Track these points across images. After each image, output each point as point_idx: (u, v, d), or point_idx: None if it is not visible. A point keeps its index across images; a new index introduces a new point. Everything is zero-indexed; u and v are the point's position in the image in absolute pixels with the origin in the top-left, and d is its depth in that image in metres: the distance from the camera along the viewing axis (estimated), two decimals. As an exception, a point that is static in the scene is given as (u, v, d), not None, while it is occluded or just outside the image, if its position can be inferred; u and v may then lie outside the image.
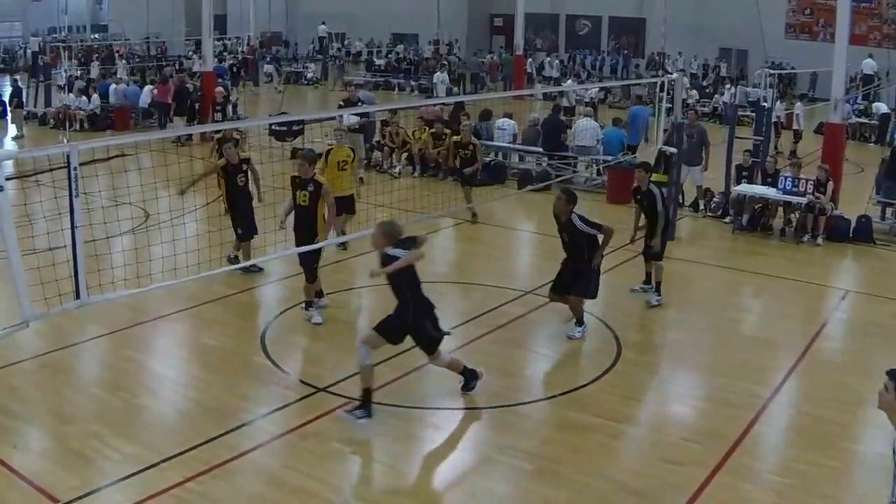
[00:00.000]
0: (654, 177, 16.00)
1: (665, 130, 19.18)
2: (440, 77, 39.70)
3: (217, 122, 26.09)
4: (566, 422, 10.08)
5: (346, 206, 15.32)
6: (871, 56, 43.38)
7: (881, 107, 36.53)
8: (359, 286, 14.41)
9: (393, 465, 9.10)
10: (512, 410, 10.27)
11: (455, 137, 19.07)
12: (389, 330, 9.84)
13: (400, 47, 56.32)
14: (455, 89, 41.28)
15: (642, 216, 14.10)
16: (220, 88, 29.59)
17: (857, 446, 9.94)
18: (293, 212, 12.81)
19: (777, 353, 12.33)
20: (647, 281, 14.49)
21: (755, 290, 15.82)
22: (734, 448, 9.44)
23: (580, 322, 12.47)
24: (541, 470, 8.91)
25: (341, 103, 22.70)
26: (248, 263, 14.16)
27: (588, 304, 12.74)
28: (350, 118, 20.17)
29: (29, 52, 49.31)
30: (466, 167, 18.29)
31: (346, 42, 59.40)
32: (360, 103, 23.38)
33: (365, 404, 9.75)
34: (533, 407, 10.43)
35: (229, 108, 29.18)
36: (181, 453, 8.96)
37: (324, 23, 58.95)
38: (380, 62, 53.72)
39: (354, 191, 15.90)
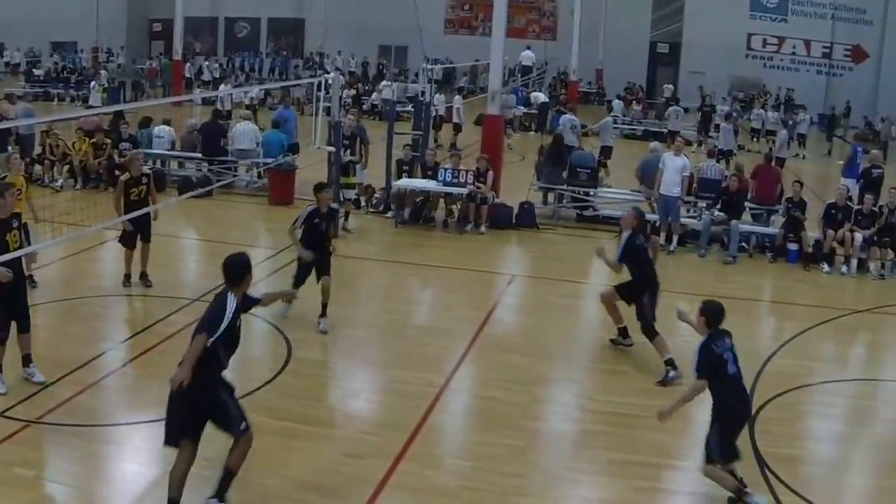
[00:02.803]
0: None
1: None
2: (95, 86, 38.30)
3: None
4: (244, 426, 10.07)
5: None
6: (528, 48, 46.43)
7: (539, 96, 39.25)
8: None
9: (78, 486, 8.69)
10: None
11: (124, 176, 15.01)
12: None
13: (57, 56, 53.61)
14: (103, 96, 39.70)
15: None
16: None
17: (536, 424, 10.65)
18: None
19: (449, 342, 12.93)
20: None
21: (422, 281, 16.51)
22: (414, 437, 9.79)
23: None
24: (226, 477, 8.86)
25: None
26: None
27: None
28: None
29: None
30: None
31: (4, 53, 55.76)
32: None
33: None
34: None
35: None
36: None
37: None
38: (39, 72, 50.86)
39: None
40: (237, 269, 8.06)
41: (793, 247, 18.31)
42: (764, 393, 11.42)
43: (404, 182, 20.33)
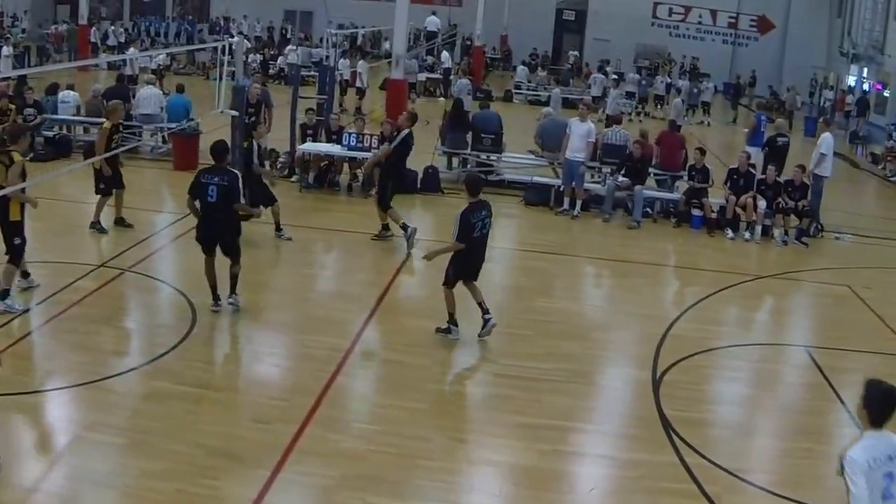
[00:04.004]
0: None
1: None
2: (7, 51, 37.01)
3: None
4: (151, 392, 9.91)
5: None
6: (434, 14, 46.38)
7: (446, 61, 39.27)
8: None
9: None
10: (96, 386, 9.91)
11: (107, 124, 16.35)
12: None
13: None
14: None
15: None
16: None
17: (440, 387, 10.76)
18: None
19: (353, 306, 12.89)
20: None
21: (327, 246, 16.45)
22: (320, 401, 9.76)
23: None
24: (133, 443, 8.73)
25: None
26: None
27: (164, 272, 13.02)
28: None
29: None
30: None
31: None
32: None
33: None
34: (116, 381, 10.12)
35: None
36: None
37: None
38: None
39: None
40: None
41: (696, 213, 18.60)
42: (668, 357, 11.66)
43: (309, 146, 20.16)
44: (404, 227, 15.63)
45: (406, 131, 16.05)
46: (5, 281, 11.76)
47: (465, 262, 11.67)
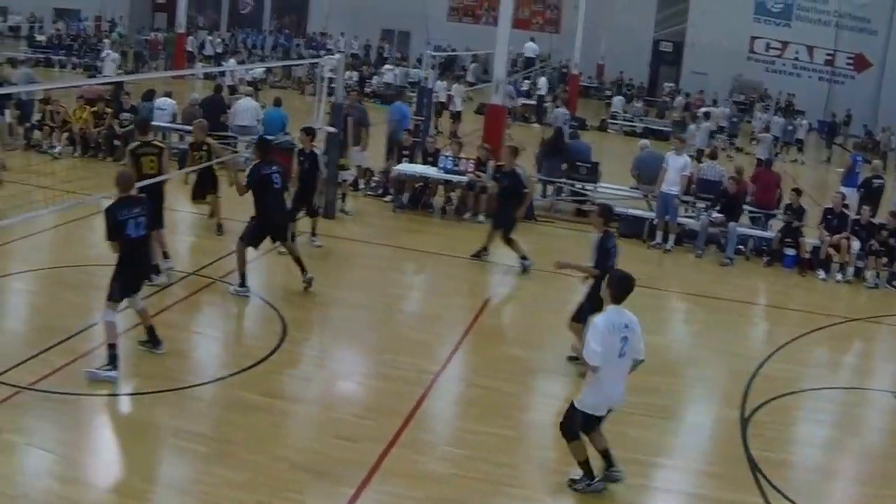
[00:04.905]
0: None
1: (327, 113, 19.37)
2: (111, 56, 37.80)
3: None
4: (238, 403, 10.03)
5: None
6: (532, 39, 46.43)
7: (542, 87, 39.30)
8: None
9: (68, 455, 8.63)
10: (183, 393, 10.08)
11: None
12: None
13: (61, 24, 53.23)
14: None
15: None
16: None
17: (529, 415, 10.67)
18: None
19: (443, 329, 12.92)
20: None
21: (418, 267, 16.51)
22: (407, 422, 9.77)
23: None
24: (216, 452, 8.83)
25: None
26: None
27: (256, 284, 13.33)
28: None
29: None
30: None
31: (8, 16, 55.37)
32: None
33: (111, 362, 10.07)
34: (203, 389, 10.29)
35: None
36: None
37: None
38: (41, 38, 50.51)
39: None
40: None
41: (790, 252, 18.30)
42: (756, 396, 11.44)
43: (405, 167, 20.27)
44: (524, 258, 15.81)
45: (517, 168, 16.38)
46: None
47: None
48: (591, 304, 10.89)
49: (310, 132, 15.92)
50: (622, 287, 8.53)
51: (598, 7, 45.15)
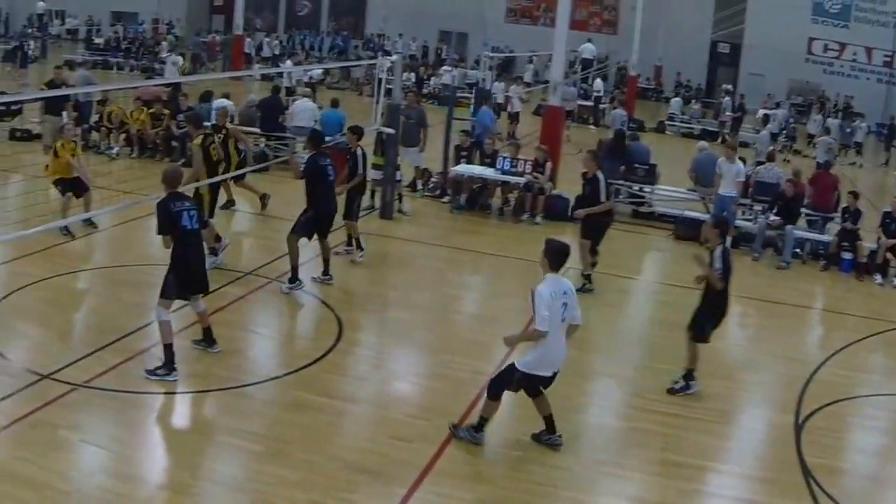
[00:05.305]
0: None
1: (382, 114, 19.45)
2: (172, 58, 38.17)
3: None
4: (292, 402, 10.16)
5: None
6: (590, 41, 46.26)
7: (599, 89, 39.20)
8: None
9: (121, 452, 8.79)
10: (238, 392, 10.23)
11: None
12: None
13: (119, 26, 54.04)
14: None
15: None
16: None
17: (584, 417, 10.68)
18: None
19: (499, 330, 12.74)
20: (349, 243, 15.66)
21: (475, 268, 16.55)
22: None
23: None
24: (270, 451, 8.95)
25: (43, 87, 21.59)
26: None
27: (312, 284, 13.77)
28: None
29: None
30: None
31: (66, 19, 56.31)
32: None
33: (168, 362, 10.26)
34: (258, 388, 10.42)
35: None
36: None
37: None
38: (99, 41, 51.32)
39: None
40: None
41: (847, 256, 18.09)
42: (811, 402, 11.34)
43: (462, 168, 20.32)
44: (588, 277, 15.05)
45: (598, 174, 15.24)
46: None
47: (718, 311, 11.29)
48: (706, 316, 11.23)
49: (356, 131, 15.90)
50: (559, 257, 9.21)
51: (655, 8, 44.74)
